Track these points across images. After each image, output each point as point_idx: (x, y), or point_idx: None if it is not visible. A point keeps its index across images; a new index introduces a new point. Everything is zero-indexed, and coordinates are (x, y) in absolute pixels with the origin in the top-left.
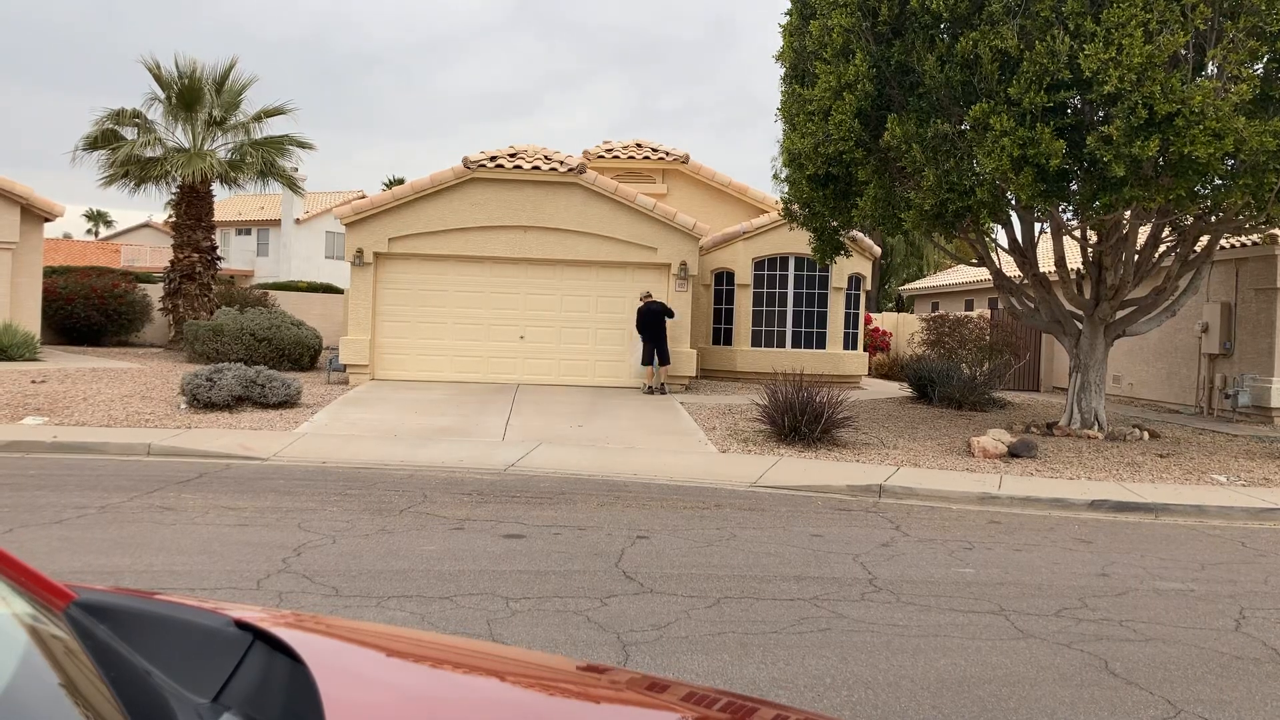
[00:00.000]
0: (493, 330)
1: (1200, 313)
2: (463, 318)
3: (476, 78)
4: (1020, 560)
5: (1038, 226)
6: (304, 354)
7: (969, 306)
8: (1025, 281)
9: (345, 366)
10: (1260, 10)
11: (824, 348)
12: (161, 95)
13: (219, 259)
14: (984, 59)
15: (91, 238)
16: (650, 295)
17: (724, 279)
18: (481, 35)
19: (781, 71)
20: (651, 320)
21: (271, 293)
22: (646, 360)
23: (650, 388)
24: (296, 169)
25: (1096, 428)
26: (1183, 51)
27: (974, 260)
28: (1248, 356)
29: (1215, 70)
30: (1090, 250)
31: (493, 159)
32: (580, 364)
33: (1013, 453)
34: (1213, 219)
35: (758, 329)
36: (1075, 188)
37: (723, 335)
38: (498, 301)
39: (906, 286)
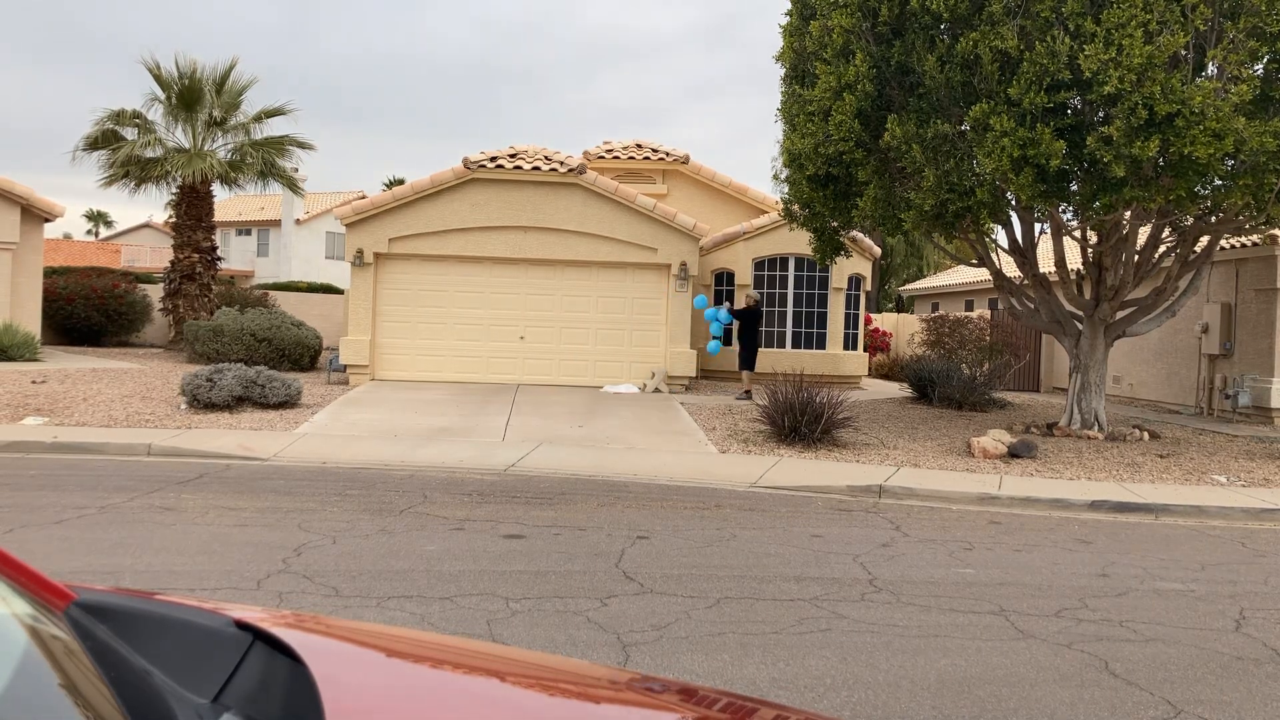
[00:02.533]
0: (493, 330)
1: (1200, 313)
2: (463, 318)
3: (623, 89)
4: (1020, 561)
5: (1038, 227)
6: (304, 354)
7: (969, 307)
8: (1025, 282)
9: (345, 367)
10: (1260, 10)
11: (824, 348)
12: (161, 95)
13: (219, 259)
14: (984, 59)
15: (91, 238)
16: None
17: (724, 279)
18: (643, 48)
19: (782, 72)
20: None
21: (272, 293)
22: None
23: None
24: (297, 169)
25: (1096, 428)
26: (1183, 52)
27: (974, 261)
28: (1248, 357)
29: (1215, 71)
30: (1090, 250)
31: (493, 159)
32: (580, 364)
33: (1013, 453)
34: (1213, 219)
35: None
36: (1075, 188)
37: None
38: (498, 302)
39: (906, 287)
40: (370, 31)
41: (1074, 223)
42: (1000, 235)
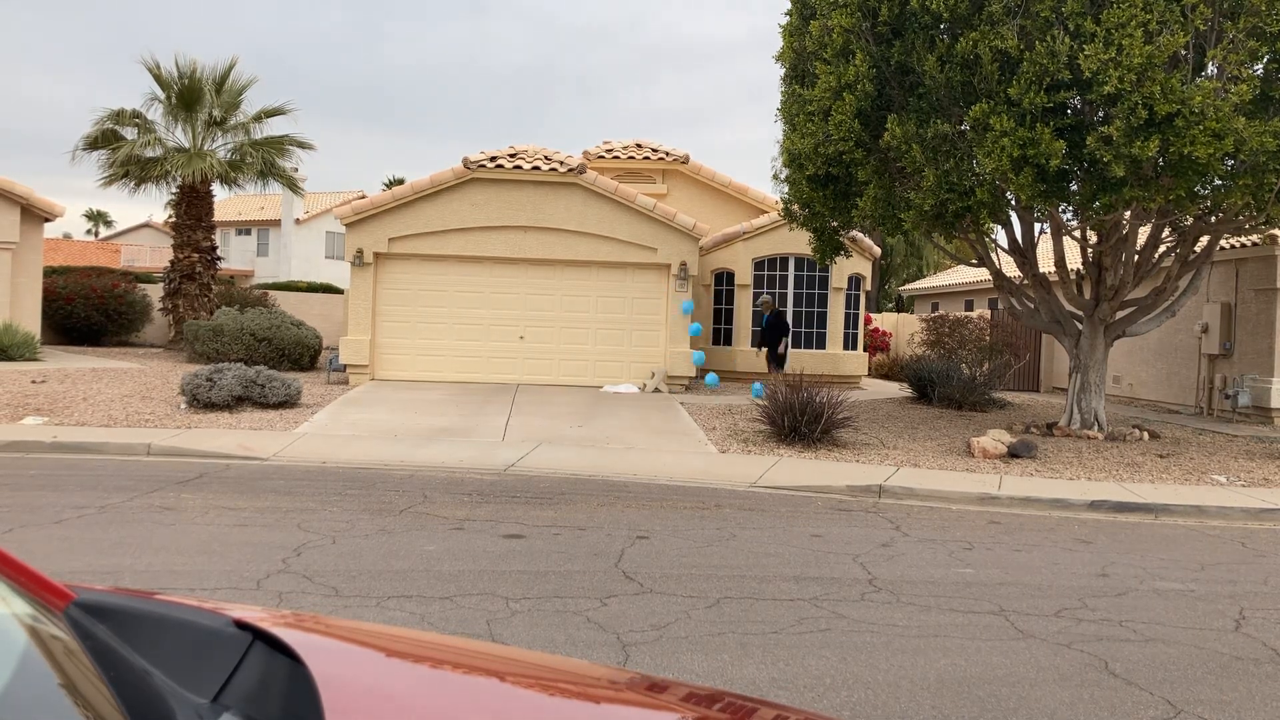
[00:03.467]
0: (492, 330)
1: (1200, 313)
2: (463, 318)
3: (681, 93)
4: (1020, 560)
5: (1038, 227)
6: (304, 354)
7: (969, 307)
8: (1025, 282)
9: (345, 366)
10: (1260, 10)
11: (824, 348)
12: (161, 95)
13: (219, 259)
14: (984, 59)
15: (91, 238)
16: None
17: (724, 279)
18: (704, 53)
19: (781, 72)
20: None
21: (271, 293)
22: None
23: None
24: (296, 169)
25: (1096, 428)
26: (1183, 52)
27: (974, 260)
28: (1247, 357)
29: (1215, 70)
30: (1090, 250)
31: (493, 159)
32: (580, 364)
33: (1012, 453)
34: (1213, 219)
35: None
36: (1075, 188)
37: (723, 335)
38: (497, 302)
39: (906, 287)
40: (434, 37)
41: (1074, 223)
42: (1000, 235)
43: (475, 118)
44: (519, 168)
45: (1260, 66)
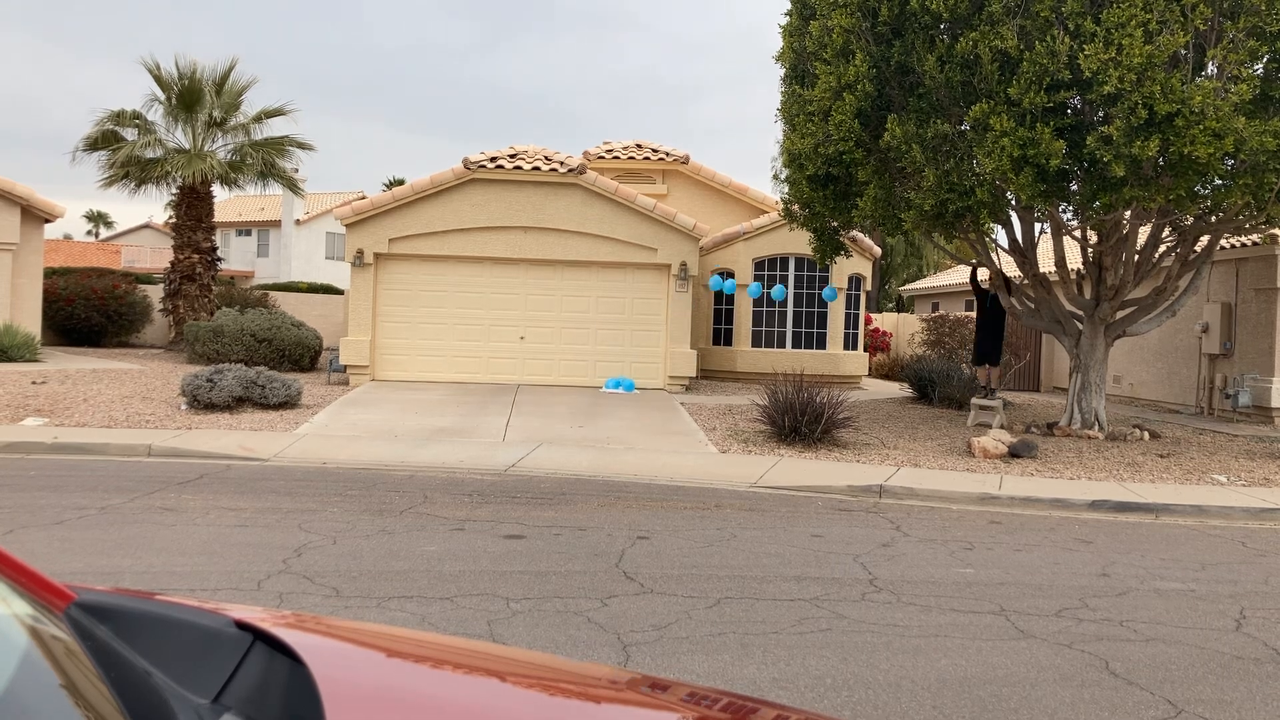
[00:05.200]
0: (493, 331)
1: (1200, 313)
2: (463, 318)
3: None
4: (1021, 560)
5: (1038, 226)
6: (304, 355)
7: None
8: (1025, 282)
9: (345, 367)
10: (1260, 10)
11: (824, 348)
12: (161, 96)
13: (219, 260)
14: (984, 59)
15: (92, 238)
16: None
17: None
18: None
19: (781, 72)
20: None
21: (272, 293)
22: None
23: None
24: (297, 170)
25: (1097, 428)
26: (1183, 51)
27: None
28: (1248, 356)
29: (1215, 70)
30: (1090, 250)
31: (493, 159)
32: (580, 364)
33: (1013, 453)
34: (1213, 219)
35: (758, 329)
36: (1075, 188)
37: (723, 336)
38: (498, 302)
39: (906, 287)
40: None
41: (1074, 222)
42: (1000, 235)
43: (498, 124)
44: (519, 168)
45: (1260, 66)
